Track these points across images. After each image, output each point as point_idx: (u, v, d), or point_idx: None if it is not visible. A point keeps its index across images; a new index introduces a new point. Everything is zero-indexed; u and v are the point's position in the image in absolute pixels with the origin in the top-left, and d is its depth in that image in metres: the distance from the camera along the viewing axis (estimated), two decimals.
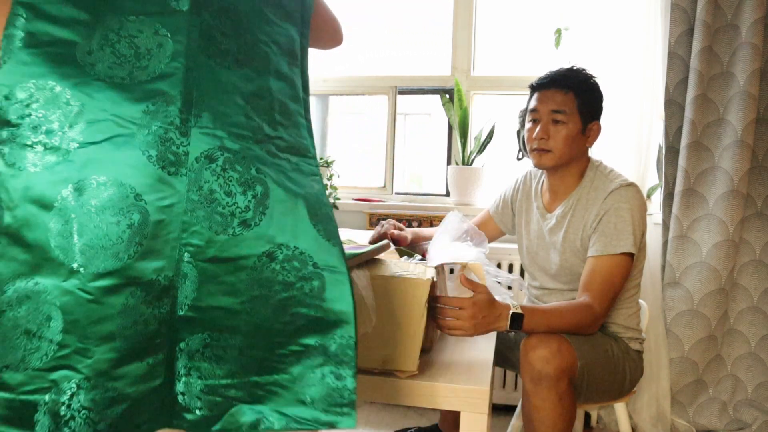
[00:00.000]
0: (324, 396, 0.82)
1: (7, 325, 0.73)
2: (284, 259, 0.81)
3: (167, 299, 0.78)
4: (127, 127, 0.76)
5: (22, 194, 0.73)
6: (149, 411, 0.80)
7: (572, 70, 1.53)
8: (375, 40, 5.11)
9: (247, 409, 0.83)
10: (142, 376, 0.78)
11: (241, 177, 0.80)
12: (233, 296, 0.80)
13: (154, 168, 0.76)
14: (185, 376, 0.81)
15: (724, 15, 1.98)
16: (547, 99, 1.50)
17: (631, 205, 1.44)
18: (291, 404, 0.83)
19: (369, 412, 2.24)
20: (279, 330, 0.81)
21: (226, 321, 0.81)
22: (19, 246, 0.73)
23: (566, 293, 1.56)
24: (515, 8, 2.72)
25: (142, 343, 0.77)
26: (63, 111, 0.75)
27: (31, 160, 0.74)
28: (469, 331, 1.17)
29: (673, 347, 2.06)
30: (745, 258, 2.06)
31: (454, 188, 2.42)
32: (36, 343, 0.73)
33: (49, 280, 0.73)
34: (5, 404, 0.72)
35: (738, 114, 1.95)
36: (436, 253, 1.26)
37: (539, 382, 1.28)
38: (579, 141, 1.50)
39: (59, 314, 0.73)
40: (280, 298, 0.81)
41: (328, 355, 0.82)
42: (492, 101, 2.59)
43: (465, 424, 1.05)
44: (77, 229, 0.73)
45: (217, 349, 0.81)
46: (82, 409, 0.74)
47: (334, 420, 0.82)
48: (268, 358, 0.82)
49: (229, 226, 0.79)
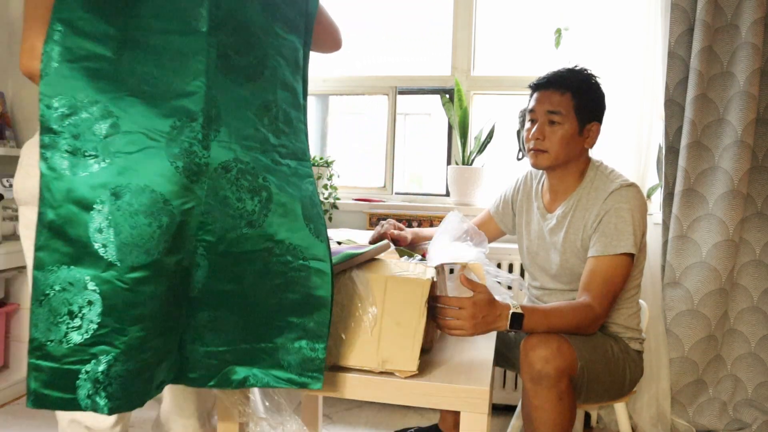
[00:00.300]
0: (299, 362, 0.99)
1: (52, 305, 0.85)
2: (280, 253, 0.96)
3: (183, 284, 0.93)
4: (157, 140, 0.87)
5: (65, 195, 0.83)
6: (164, 371, 0.95)
7: (572, 70, 1.52)
8: (375, 40, 5.10)
9: (238, 369, 0.99)
10: (162, 346, 0.92)
11: (250, 185, 0.94)
12: (236, 283, 0.95)
13: (180, 177, 0.88)
14: (191, 344, 0.97)
15: (724, 15, 1.98)
16: (544, 99, 1.50)
17: (631, 206, 1.44)
18: (272, 367, 0.99)
19: (369, 412, 2.24)
20: (269, 309, 0.97)
21: (228, 301, 0.96)
22: (62, 240, 0.84)
23: (566, 293, 1.56)
24: (515, 8, 2.72)
25: (165, 322, 0.91)
26: (101, 123, 0.85)
27: (72, 166, 0.84)
28: (469, 331, 1.17)
29: (673, 347, 2.06)
30: (745, 258, 2.06)
31: (454, 188, 2.42)
32: (78, 322, 0.85)
33: (89, 270, 0.85)
34: (49, 371, 0.85)
35: (738, 114, 1.95)
36: (436, 253, 1.25)
37: (539, 382, 1.28)
38: (576, 142, 1.50)
39: (99, 300, 0.85)
40: (274, 284, 0.97)
41: (306, 331, 0.98)
42: (492, 101, 2.59)
43: (465, 424, 1.05)
44: (115, 229, 0.85)
45: (220, 323, 0.97)
46: (117, 377, 0.87)
47: (305, 381, 0.99)
48: (257, 331, 0.98)
49: (238, 226, 0.93)
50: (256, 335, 0.99)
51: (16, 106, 2.81)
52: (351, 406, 2.28)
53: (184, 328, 0.96)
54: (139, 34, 0.88)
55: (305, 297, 0.98)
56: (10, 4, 2.75)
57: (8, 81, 2.79)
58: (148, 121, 0.87)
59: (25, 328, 2.35)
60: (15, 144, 2.74)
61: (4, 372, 2.34)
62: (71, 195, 0.84)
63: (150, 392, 0.93)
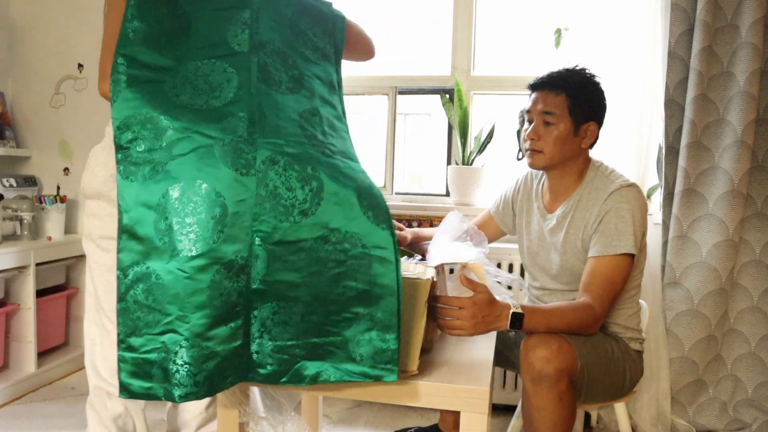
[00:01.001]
0: (371, 355, 0.99)
1: (130, 301, 0.94)
2: (336, 240, 0.99)
3: (243, 275, 0.97)
4: (207, 140, 0.97)
5: (135, 200, 0.95)
6: (233, 367, 0.98)
7: (569, 71, 1.52)
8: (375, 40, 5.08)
9: (309, 364, 1.01)
10: (227, 338, 0.96)
11: (299, 175, 0.99)
12: (295, 272, 0.99)
13: (229, 171, 0.96)
14: (258, 338, 1.00)
15: (724, 15, 1.98)
16: (540, 100, 1.51)
17: (631, 206, 1.44)
18: (344, 361, 1.00)
19: (369, 412, 2.24)
20: (333, 300, 0.99)
21: (290, 292, 0.99)
22: (135, 240, 0.95)
23: (567, 294, 1.56)
24: (515, 8, 2.72)
25: (226, 311, 0.96)
26: (157, 132, 0.97)
27: (139, 173, 0.96)
28: (469, 330, 1.17)
29: (673, 347, 2.06)
30: (745, 258, 2.06)
31: (454, 188, 2.42)
32: (150, 314, 0.94)
33: (156, 263, 0.94)
34: (132, 362, 0.95)
35: (738, 114, 1.95)
36: (436, 253, 1.25)
37: (539, 382, 1.28)
38: (571, 142, 1.50)
39: (165, 290, 0.94)
40: (334, 274, 0.99)
41: (375, 322, 0.99)
42: (492, 101, 2.59)
43: (465, 424, 1.05)
44: (173, 222, 0.94)
45: (283, 315, 0.99)
46: (184, 364, 0.93)
47: (379, 374, 0.99)
48: (325, 323, 1.00)
49: (290, 215, 0.98)
50: (324, 328, 1.00)
51: (16, 106, 2.81)
52: (351, 406, 2.28)
53: (250, 322, 0.99)
54: (190, 61, 1.03)
55: (369, 286, 0.99)
56: (10, 4, 2.75)
57: (8, 81, 2.80)
58: (197, 125, 0.98)
59: (25, 328, 2.35)
60: (15, 144, 2.74)
61: (4, 372, 2.34)
62: (138, 198, 0.96)
63: (221, 384, 0.97)
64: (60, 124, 2.76)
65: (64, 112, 2.75)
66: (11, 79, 2.79)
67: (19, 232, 2.44)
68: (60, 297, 2.59)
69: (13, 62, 2.78)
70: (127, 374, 0.95)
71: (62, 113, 2.75)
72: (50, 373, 2.45)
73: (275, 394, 1.11)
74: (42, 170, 2.79)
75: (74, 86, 2.73)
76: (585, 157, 1.57)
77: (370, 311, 0.99)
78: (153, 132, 0.97)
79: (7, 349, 2.37)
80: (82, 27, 2.67)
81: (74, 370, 2.59)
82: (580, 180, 1.55)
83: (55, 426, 2.05)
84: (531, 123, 1.53)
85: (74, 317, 2.70)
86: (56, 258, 2.48)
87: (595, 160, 1.58)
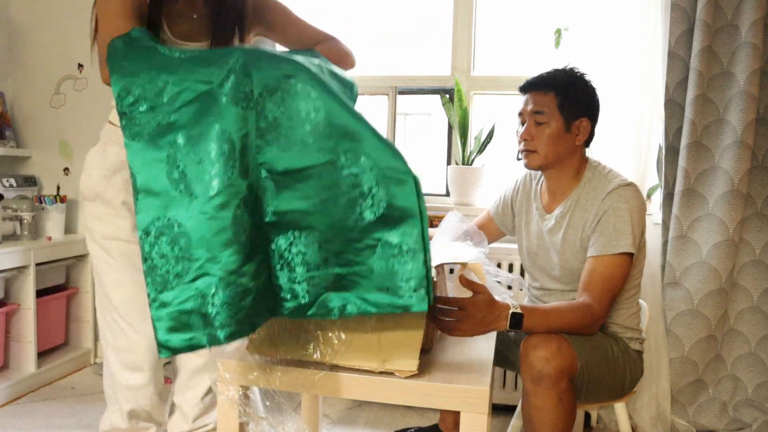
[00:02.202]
0: (398, 283, 0.95)
1: (156, 257, 0.94)
2: (345, 164, 0.96)
3: (258, 209, 0.98)
4: (205, 86, 0.97)
5: (144, 159, 0.96)
6: (266, 302, 0.98)
7: (556, 70, 1.55)
8: (375, 40, 5.10)
9: (335, 296, 0.98)
10: (256, 272, 0.97)
11: (298, 104, 0.97)
12: (305, 200, 0.97)
13: (231, 106, 0.96)
14: (280, 271, 0.99)
15: (724, 15, 1.98)
16: (529, 101, 1.53)
17: (630, 205, 1.44)
18: (370, 291, 0.97)
19: (369, 412, 2.24)
20: (351, 227, 0.96)
21: (303, 222, 0.98)
22: (151, 196, 0.96)
23: (566, 294, 1.56)
24: (515, 8, 2.72)
25: (252, 246, 0.96)
26: (157, 90, 0.98)
27: (145, 132, 0.97)
28: (468, 331, 1.17)
29: (673, 347, 2.06)
30: (745, 258, 2.06)
31: (454, 188, 2.42)
32: (179, 264, 0.94)
33: (177, 212, 0.94)
34: (168, 317, 0.93)
35: (738, 114, 1.95)
36: (436, 253, 1.26)
37: (539, 382, 1.28)
38: (564, 139, 1.51)
39: (189, 236, 0.94)
40: (347, 199, 0.96)
41: (398, 247, 0.94)
42: (492, 101, 2.59)
43: (465, 424, 1.05)
44: (186, 168, 0.95)
45: (300, 245, 0.98)
46: (223, 305, 0.93)
47: (408, 303, 0.95)
48: (345, 252, 0.97)
49: (294, 143, 0.97)
50: (345, 257, 0.98)
51: (16, 106, 2.81)
52: (351, 406, 2.28)
53: (270, 256, 0.99)
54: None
55: (387, 209, 0.95)
56: (10, 5, 2.75)
57: (8, 81, 2.80)
58: (195, 72, 0.98)
59: (25, 328, 2.35)
60: (15, 144, 2.75)
61: (4, 372, 2.34)
62: (148, 156, 0.96)
63: (259, 320, 0.97)
64: (60, 124, 2.76)
65: (64, 112, 2.75)
66: (11, 79, 2.79)
67: (19, 232, 2.44)
68: (60, 297, 2.59)
69: (13, 62, 2.78)
70: (164, 332, 0.94)
71: (62, 113, 2.75)
72: (50, 373, 2.45)
73: (275, 394, 1.11)
74: (42, 170, 2.79)
75: (74, 86, 2.73)
76: (581, 155, 1.57)
77: (391, 235, 0.95)
78: (153, 91, 0.98)
79: (7, 349, 2.37)
80: (82, 27, 2.67)
81: (74, 370, 2.59)
82: (577, 179, 1.55)
83: (55, 426, 2.05)
84: (524, 125, 1.54)
85: (74, 317, 2.71)
86: (56, 258, 2.48)
87: (592, 160, 1.58)
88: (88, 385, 2.43)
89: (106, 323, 1.41)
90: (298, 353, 1.09)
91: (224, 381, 1.12)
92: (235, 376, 1.11)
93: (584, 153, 1.58)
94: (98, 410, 1.52)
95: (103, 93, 1.17)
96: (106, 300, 1.39)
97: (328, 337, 1.08)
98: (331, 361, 1.08)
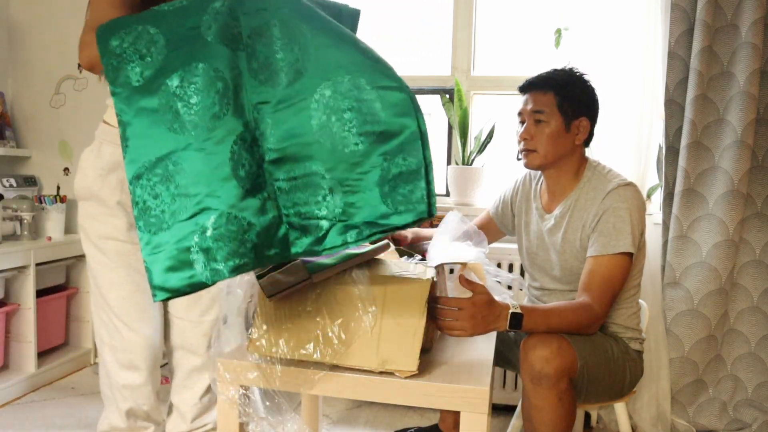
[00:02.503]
0: (400, 201, 0.94)
1: (149, 199, 0.95)
2: (341, 89, 0.94)
3: (257, 147, 0.98)
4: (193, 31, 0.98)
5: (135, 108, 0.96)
6: (273, 243, 0.98)
7: (555, 70, 1.55)
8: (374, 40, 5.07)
9: (342, 226, 0.97)
10: (259, 209, 0.97)
11: (285, 37, 0.97)
12: (303, 130, 0.96)
13: (220, 47, 0.98)
14: (289, 208, 0.98)
15: (724, 15, 1.98)
16: (529, 101, 1.53)
17: (629, 205, 1.44)
18: (376, 215, 0.95)
19: (369, 412, 2.24)
20: (352, 152, 0.95)
21: (302, 151, 0.97)
22: (143, 140, 0.96)
23: (566, 293, 1.56)
24: (515, 8, 2.72)
25: (252, 182, 0.96)
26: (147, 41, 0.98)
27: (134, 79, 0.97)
28: (468, 331, 1.17)
29: (673, 347, 2.06)
30: (745, 258, 2.06)
31: (454, 188, 2.42)
32: (175, 202, 0.94)
33: (172, 152, 0.95)
34: (166, 257, 0.93)
35: (738, 114, 1.95)
36: (436, 253, 1.26)
37: (539, 382, 1.28)
38: (564, 138, 1.51)
39: (185, 174, 0.94)
40: (344, 122, 0.94)
41: (399, 166, 0.93)
42: (492, 101, 2.59)
43: (465, 424, 1.05)
44: (182, 107, 0.96)
45: (303, 177, 0.97)
46: (224, 238, 0.93)
47: (412, 218, 0.94)
48: (349, 178, 0.96)
49: (288, 77, 0.96)
50: (348, 184, 0.95)
51: (16, 106, 2.81)
52: (351, 406, 2.28)
53: (276, 195, 0.98)
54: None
55: (384, 126, 0.93)
56: (10, 4, 2.75)
57: (8, 81, 2.80)
58: (185, 20, 0.99)
59: (25, 328, 2.35)
60: (15, 144, 2.75)
61: (4, 372, 2.34)
62: (138, 102, 0.96)
63: (266, 256, 0.97)
64: (60, 124, 2.76)
65: (64, 112, 2.75)
66: (11, 79, 2.79)
67: (19, 232, 2.44)
68: (60, 297, 2.59)
69: (13, 62, 2.78)
70: (161, 273, 0.93)
71: (62, 113, 2.75)
72: (50, 373, 2.46)
73: (275, 394, 1.11)
74: (42, 170, 2.79)
75: (74, 86, 2.74)
76: (580, 154, 1.57)
77: (392, 154, 0.93)
78: (144, 42, 0.98)
79: (7, 349, 2.37)
80: (82, 27, 2.67)
81: (74, 370, 2.59)
82: (577, 179, 1.55)
83: (55, 426, 2.05)
84: (524, 124, 1.54)
85: (74, 317, 2.71)
86: (56, 258, 2.49)
87: (592, 160, 1.58)
88: (88, 385, 2.43)
89: (102, 323, 1.41)
90: (298, 353, 1.09)
91: (224, 381, 1.12)
92: (235, 376, 1.11)
93: (584, 153, 1.58)
94: (98, 410, 1.52)
95: (103, 93, 1.17)
96: (102, 300, 1.39)
97: (328, 337, 1.08)
98: (331, 361, 1.08)
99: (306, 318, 1.09)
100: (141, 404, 1.44)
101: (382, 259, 1.24)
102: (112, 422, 1.45)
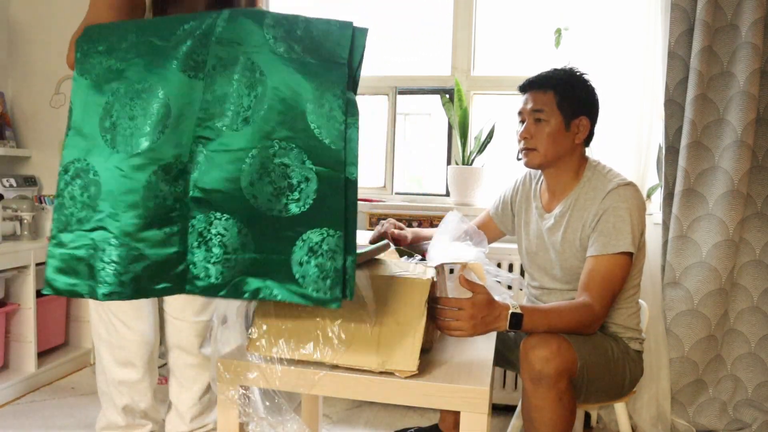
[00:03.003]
0: (314, 278, 0.93)
1: (66, 197, 0.96)
2: (279, 153, 0.93)
3: (182, 181, 0.97)
4: (163, 42, 0.96)
5: (86, 98, 0.97)
6: (165, 275, 0.97)
7: (555, 70, 1.55)
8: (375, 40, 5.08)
9: (250, 280, 0.96)
10: (160, 242, 0.96)
11: (248, 81, 0.95)
12: (233, 183, 0.95)
13: (179, 73, 0.95)
14: (196, 249, 0.97)
15: (724, 15, 1.98)
16: (529, 100, 1.53)
17: (629, 205, 1.44)
18: (287, 281, 0.94)
19: (369, 412, 2.24)
20: (275, 216, 0.94)
21: (227, 204, 0.96)
22: (80, 136, 0.97)
23: (566, 293, 1.56)
24: (515, 8, 2.72)
25: (160, 215, 0.96)
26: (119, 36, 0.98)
27: (93, 72, 0.98)
28: (468, 331, 1.17)
29: (673, 347, 2.06)
30: (745, 258, 2.06)
31: (454, 188, 2.42)
32: (83, 210, 0.95)
33: (96, 160, 0.95)
34: (60, 257, 0.96)
35: (738, 114, 1.95)
36: (436, 253, 1.25)
37: (539, 382, 1.28)
38: (564, 137, 1.51)
39: (100, 186, 0.95)
40: (275, 188, 0.94)
41: (318, 245, 0.92)
42: (492, 101, 2.59)
43: (465, 424, 1.05)
44: (118, 120, 0.95)
45: (220, 227, 0.96)
46: (111, 262, 0.94)
47: (321, 298, 0.93)
48: (267, 239, 0.95)
49: (235, 122, 0.95)
50: (267, 245, 0.96)
51: (16, 106, 2.81)
52: (351, 406, 2.28)
53: (188, 231, 0.98)
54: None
55: (313, 206, 0.93)
56: (10, 4, 2.76)
57: (8, 81, 2.80)
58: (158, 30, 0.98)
59: (25, 328, 2.35)
60: (15, 144, 2.75)
61: (4, 372, 2.34)
62: (89, 96, 0.97)
63: (149, 289, 0.97)
64: (60, 124, 2.75)
65: (64, 112, 2.74)
66: (11, 79, 2.79)
67: (19, 232, 2.44)
68: (60, 297, 2.59)
69: (13, 62, 2.78)
70: (53, 270, 0.96)
71: (62, 113, 2.75)
72: (50, 373, 2.46)
73: (275, 394, 1.11)
74: (42, 170, 2.79)
75: None
76: (580, 154, 1.57)
77: (314, 234, 0.93)
78: (115, 36, 0.99)
79: (7, 349, 2.37)
80: None
81: (74, 370, 2.59)
82: (577, 179, 1.55)
83: (55, 426, 2.05)
84: (524, 123, 1.54)
85: (74, 317, 2.71)
86: None
87: (592, 160, 1.58)
88: (88, 385, 2.43)
89: (101, 319, 1.42)
90: (298, 353, 1.09)
91: (224, 381, 1.12)
92: (235, 376, 1.11)
93: (584, 152, 1.58)
94: (98, 410, 1.52)
95: None
96: (100, 303, 1.40)
97: (328, 337, 1.08)
98: (331, 361, 1.08)
99: (306, 318, 1.09)
100: (138, 401, 1.44)
101: (382, 259, 1.24)
102: (110, 419, 1.45)
